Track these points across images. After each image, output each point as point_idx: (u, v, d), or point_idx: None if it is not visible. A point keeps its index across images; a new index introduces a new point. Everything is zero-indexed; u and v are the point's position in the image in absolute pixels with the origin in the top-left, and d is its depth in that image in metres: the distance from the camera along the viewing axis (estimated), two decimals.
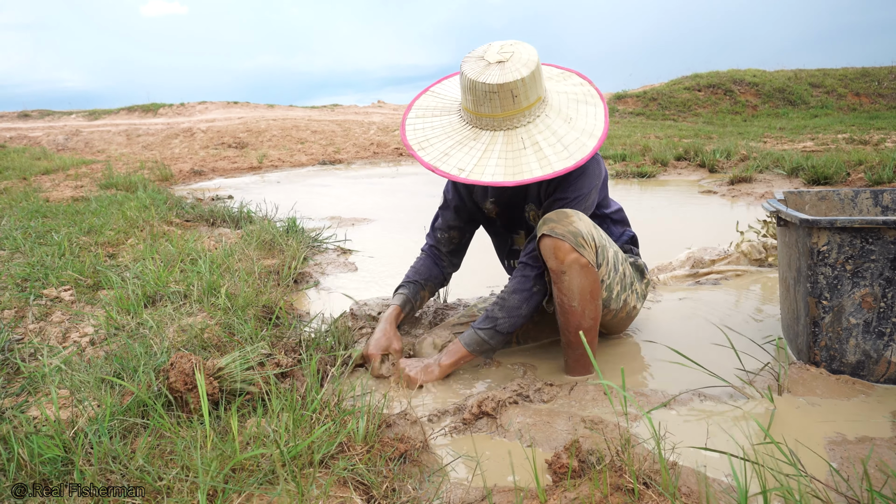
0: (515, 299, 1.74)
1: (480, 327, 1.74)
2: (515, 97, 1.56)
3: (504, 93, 1.54)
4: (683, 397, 1.58)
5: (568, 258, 1.58)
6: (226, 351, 1.73)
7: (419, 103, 1.80)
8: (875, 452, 1.29)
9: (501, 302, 1.75)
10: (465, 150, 1.60)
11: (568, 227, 1.58)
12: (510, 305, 1.74)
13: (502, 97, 1.55)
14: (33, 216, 3.92)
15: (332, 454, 1.24)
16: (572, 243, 1.57)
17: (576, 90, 1.73)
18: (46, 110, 19.12)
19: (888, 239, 1.50)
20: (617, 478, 1.16)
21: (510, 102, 1.56)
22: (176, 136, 12.84)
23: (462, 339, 1.75)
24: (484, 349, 1.75)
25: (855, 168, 5.17)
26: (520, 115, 1.59)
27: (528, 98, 1.58)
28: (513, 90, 1.54)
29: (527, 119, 1.60)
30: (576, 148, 1.57)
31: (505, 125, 1.60)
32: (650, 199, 5.06)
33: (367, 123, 13.90)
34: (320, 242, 3.54)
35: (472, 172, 1.55)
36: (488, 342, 1.74)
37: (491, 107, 1.57)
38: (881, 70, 17.12)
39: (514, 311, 1.73)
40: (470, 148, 1.60)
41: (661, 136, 9.48)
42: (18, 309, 2.19)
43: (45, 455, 1.18)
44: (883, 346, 1.57)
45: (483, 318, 1.75)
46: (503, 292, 1.77)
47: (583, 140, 1.59)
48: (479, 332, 1.73)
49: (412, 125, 1.73)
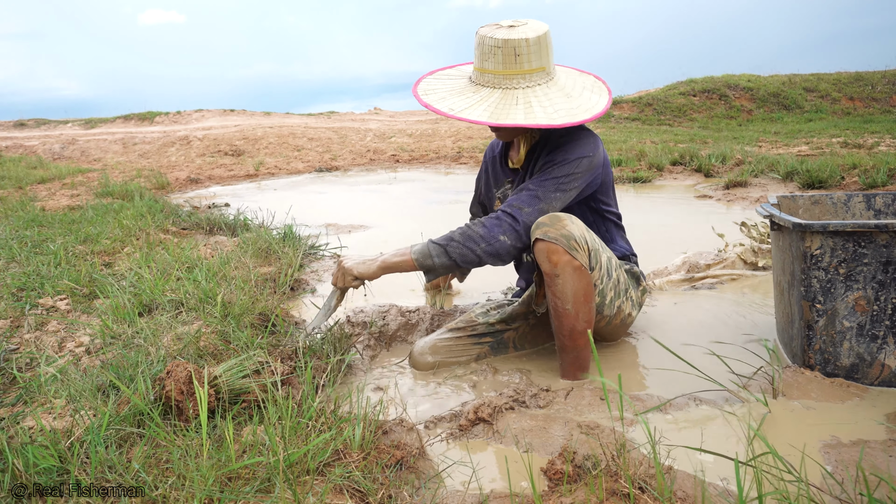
0: (478, 234, 1.71)
1: (435, 241, 1.73)
2: (518, 56, 1.66)
3: (507, 49, 1.65)
4: (679, 401, 1.58)
5: (561, 261, 1.59)
6: (222, 359, 1.73)
7: (439, 72, 1.91)
8: (869, 455, 1.30)
9: (466, 230, 1.73)
10: (462, 98, 1.73)
11: (561, 230, 1.59)
12: (471, 236, 1.71)
13: (505, 53, 1.65)
14: (29, 225, 3.92)
15: (328, 461, 1.24)
16: (565, 246, 1.58)
17: (585, 81, 1.84)
18: (42, 119, 19.11)
19: (880, 242, 1.51)
20: (612, 483, 1.16)
21: (512, 60, 1.66)
22: (172, 144, 12.84)
23: (413, 245, 1.76)
24: (426, 265, 1.72)
25: (849, 172, 5.20)
26: (520, 77, 1.69)
27: (530, 62, 1.68)
28: (516, 48, 1.65)
29: (526, 83, 1.70)
30: (565, 114, 1.66)
31: (505, 84, 1.70)
32: (646, 203, 5.07)
33: (364, 130, 13.92)
34: (317, 250, 3.54)
35: (461, 112, 1.66)
36: (432, 258, 1.71)
37: (494, 62, 1.68)
38: (874, 74, 17.22)
39: (470, 244, 1.70)
40: (468, 97, 1.72)
41: (656, 141, 9.52)
42: (14, 319, 2.18)
43: (40, 465, 1.18)
44: (877, 349, 1.58)
45: (442, 236, 1.74)
46: (473, 223, 1.75)
47: (574, 112, 1.67)
48: (431, 246, 1.72)
49: (426, 82, 1.85)
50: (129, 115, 18.61)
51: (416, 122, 16.07)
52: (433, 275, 1.76)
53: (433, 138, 12.20)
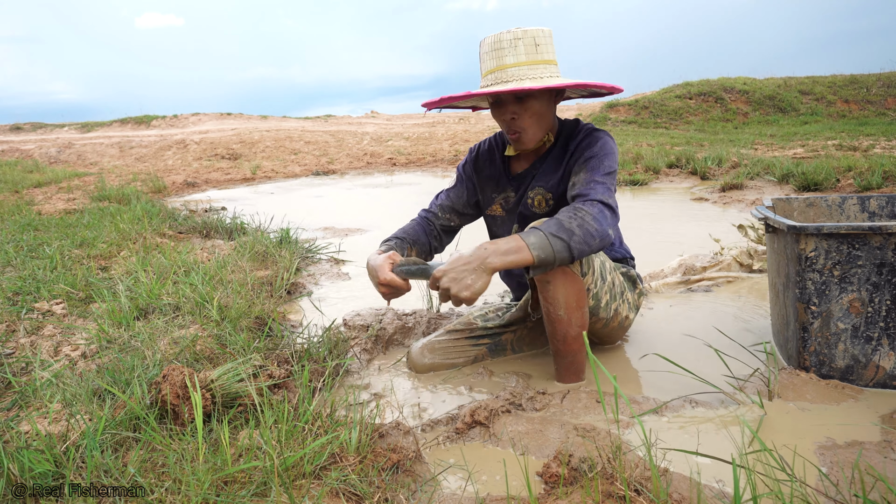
0: (595, 229, 1.51)
1: (554, 234, 1.47)
2: (538, 45, 1.68)
3: (528, 38, 1.67)
4: (675, 404, 1.59)
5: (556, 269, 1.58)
6: (218, 363, 1.72)
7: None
8: (864, 456, 1.30)
9: (581, 221, 1.50)
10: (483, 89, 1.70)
11: None
12: (588, 230, 1.50)
13: (526, 43, 1.67)
14: (25, 229, 3.91)
15: (325, 465, 1.24)
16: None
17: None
18: (39, 123, 19.08)
19: (874, 244, 1.51)
20: (608, 485, 1.16)
21: (533, 49, 1.68)
22: (169, 147, 12.83)
23: (524, 237, 1.47)
24: (547, 261, 1.47)
25: (844, 174, 5.22)
26: (542, 67, 1.69)
27: (549, 52, 1.71)
28: (535, 37, 1.67)
29: (548, 73, 1.70)
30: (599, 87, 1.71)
31: (529, 74, 1.68)
32: (642, 206, 5.09)
33: (361, 134, 13.93)
34: (313, 253, 3.54)
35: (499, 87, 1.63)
36: (555, 254, 1.47)
37: (515, 54, 1.67)
38: (869, 77, 17.30)
39: (589, 239, 1.50)
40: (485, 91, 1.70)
41: (652, 143, 9.54)
42: (10, 323, 2.18)
43: (35, 470, 1.18)
44: (871, 350, 1.59)
45: (553, 225, 1.49)
46: (579, 212, 1.53)
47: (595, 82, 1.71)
48: (552, 240, 1.46)
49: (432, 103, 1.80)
50: (126, 118, 18.59)
51: (413, 125, 16.09)
52: (542, 271, 1.53)
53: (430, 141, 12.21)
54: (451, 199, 2.00)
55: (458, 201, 2.00)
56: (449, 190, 2.03)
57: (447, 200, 2.01)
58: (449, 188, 2.03)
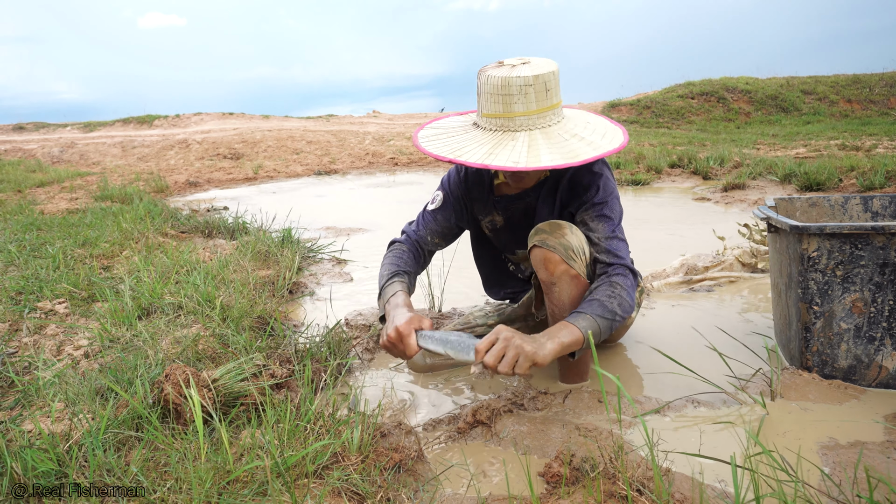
0: (628, 303, 1.58)
1: (599, 315, 1.53)
2: (548, 90, 1.56)
3: (539, 85, 1.54)
4: (677, 403, 1.59)
5: (558, 269, 1.58)
6: (221, 362, 1.73)
7: (424, 133, 1.71)
8: (867, 457, 1.30)
9: (619, 300, 1.56)
10: (508, 149, 1.55)
11: (559, 239, 1.58)
12: (623, 305, 1.56)
13: (537, 90, 1.54)
14: (28, 229, 3.92)
15: (327, 464, 1.24)
16: (563, 255, 1.57)
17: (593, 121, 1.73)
18: (41, 123, 19.12)
19: (877, 244, 1.51)
20: (610, 485, 1.16)
21: (544, 96, 1.56)
22: (171, 147, 12.85)
23: (577, 323, 1.50)
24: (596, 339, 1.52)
25: (847, 174, 5.21)
26: (551, 114, 1.59)
27: (557, 95, 1.60)
28: (546, 82, 1.54)
29: (557, 119, 1.61)
30: (612, 136, 1.61)
31: (539, 123, 1.57)
32: (644, 206, 5.08)
33: (363, 133, 13.94)
34: (315, 253, 3.54)
35: (529, 161, 1.48)
36: (601, 335, 1.53)
37: (526, 102, 1.55)
38: (872, 77, 17.27)
39: (623, 313, 1.57)
40: (512, 147, 1.55)
41: (654, 143, 9.53)
42: (13, 322, 2.18)
43: (38, 469, 1.18)
44: (874, 350, 1.58)
45: (599, 307, 1.54)
46: (615, 287, 1.59)
47: (610, 133, 1.63)
48: (600, 321, 1.52)
49: (433, 145, 1.63)
50: (128, 118, 18.62)
51: (415, 124, 16.09)
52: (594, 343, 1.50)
53: None
54: (438, 222, 1.89)
55: (446, 224, 1.89)
56: (436, 212, 1.90)
57: (435, 224, 1.89)
58: (435, 210, 1.90)
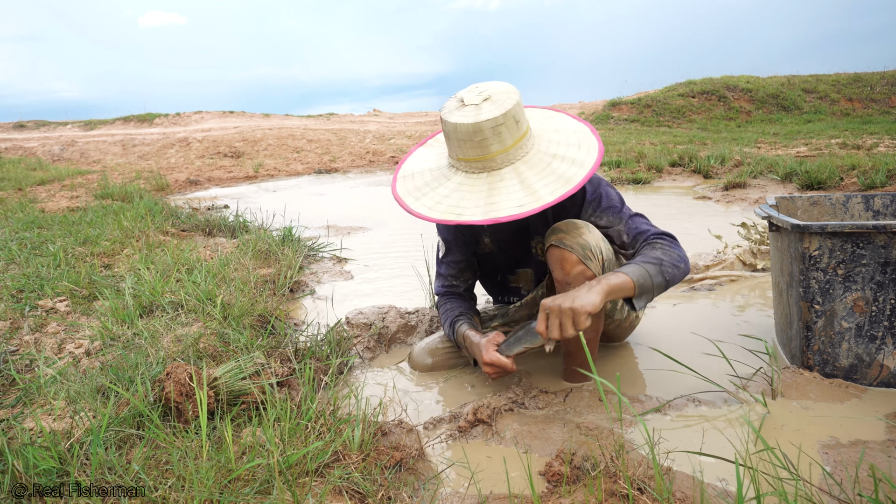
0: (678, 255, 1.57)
1: (645, 262, 1.53)
2: (518, 122, 1.53)
3: (509, 121, 1.50)
4: (678, 402, 1.59)
5: (574, 270, 1.57)
6: (221, 360, 1.73)
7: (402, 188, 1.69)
8: (868, 456, 1.30)
9: (666, 250, 1.57)
10: (503, 193, 1.52)
11: (577, 238, 1.57)
12: (673, 257, 1.56)
13: (508, 126, 1.51)
14: (28, 227, 3.92)
15: (328, 463, 1.24)
16: (580, 255, 1.56)
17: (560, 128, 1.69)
18: (42, 121, 19.12)
19: (878, 243, 1.51)
20: (611, 484, 1.16)
21: (515, 129, 1.52)
22: (172, 145, 12.85)
23: (625, 269, 1.51)
24: (645, 286, 1.50)
25: (848, 173, 5.20)
26: (524, 140, 1.56)
27: (525, 119, 1.56)
28: (514, 115, 1.51)
29: (531, 143, 1.57)
30: (587, 144, 1.59)
31: (518, 155, 1.55)
32: (645, 205, 5.08)
33: (363, 132, 13.93)
34: (316, 251, 3.54)
35: (532, 203, 1.47)
36: (651, 279, 1.50)
37: (500, 141, 1.52)
38: (873, 75, 17.26)
39: (679, 263, 1.56)
40: (506, 190, 1.53)
41: (655, 142, 9.53)
42: (13, 320, 2.19)
43: (40, 466, 1.18)
44: (875, 349, 1.58)
45: (644, 258, 1.55)
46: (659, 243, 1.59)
47: (584, 141, 1.60)
48: (647, 266, 1.51)
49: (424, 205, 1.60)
50: (129, 116, 18.62)
51: (416, 123, 16.09)
52: (644, 300, 1.54)
53: None
54: (455, 265, 1.91)
55: (463, 263, 1.91)
56: (447, 257, 1.92)
57: (454, 269, 1.91)
58: (445, 256, 1.92)
